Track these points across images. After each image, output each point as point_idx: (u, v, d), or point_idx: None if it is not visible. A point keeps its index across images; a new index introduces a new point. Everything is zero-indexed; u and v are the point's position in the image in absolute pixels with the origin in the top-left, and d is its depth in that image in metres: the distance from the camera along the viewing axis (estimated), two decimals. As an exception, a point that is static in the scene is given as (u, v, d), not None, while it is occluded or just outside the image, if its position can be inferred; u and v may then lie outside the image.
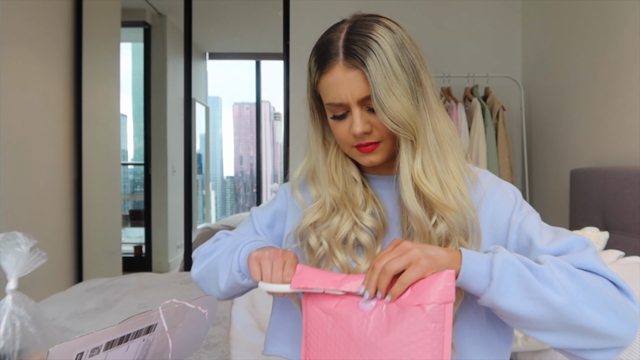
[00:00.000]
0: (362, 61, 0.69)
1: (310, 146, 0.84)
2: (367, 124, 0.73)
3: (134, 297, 1.74)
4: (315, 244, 0.79)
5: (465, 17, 2.93)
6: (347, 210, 0.78)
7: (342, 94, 0.72)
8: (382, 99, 0.68)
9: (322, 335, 0.67)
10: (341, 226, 0.78)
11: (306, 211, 0.82)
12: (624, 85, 1.90)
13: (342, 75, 0.71)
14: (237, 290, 0.83)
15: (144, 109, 3.94)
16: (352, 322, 0.64)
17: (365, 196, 0.80)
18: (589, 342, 0.63)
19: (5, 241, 0.77)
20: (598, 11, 2.08)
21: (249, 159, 4.67)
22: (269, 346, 0.91)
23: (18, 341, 0.75)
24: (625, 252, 1.41)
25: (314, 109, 0.82)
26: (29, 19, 2.48)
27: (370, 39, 0.69)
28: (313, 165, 0.83)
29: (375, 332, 0.62)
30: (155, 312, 0.72)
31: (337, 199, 0.80)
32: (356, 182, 0.81)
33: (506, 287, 0.61)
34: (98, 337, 0.65)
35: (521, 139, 2.78)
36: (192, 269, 0.91)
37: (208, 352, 1.24)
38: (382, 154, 0.76)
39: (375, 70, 0.68)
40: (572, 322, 0.61)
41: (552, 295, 0.61)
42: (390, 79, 0.68)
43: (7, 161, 2.29)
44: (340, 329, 0.65)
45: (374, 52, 0.69)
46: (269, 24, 3.43)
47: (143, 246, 4.01)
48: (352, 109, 0.72)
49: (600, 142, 2.08)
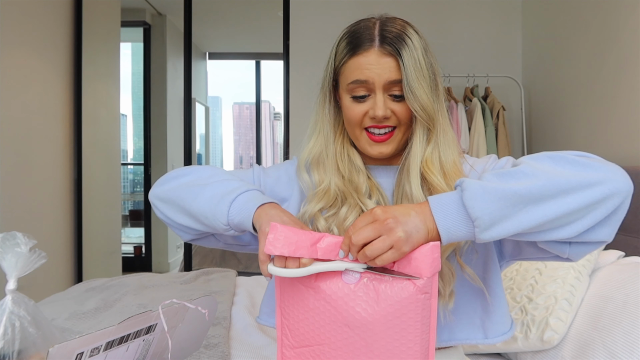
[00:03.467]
0: (397, 50, 0.75)
1: (318, 127, 0.85)
2: (388, 109, 0.78)
3: (134, 297, 1.74)
4: (325, 229, 0.80)
5: (465, 17, 2.93)
6: (352, 199, 0.80)
7: (372, 74, 0.76)
8: (414, 86, 0.74)
9: (302, 307, 0.67)
10: (349, 215, 0.80)
11: (310, 197, 0.83)
12: (624, 85, 1.90)
13: (376, 59, 0.76)
14: (207, 235, 0.83)
15: (143, 109, 3.94)
16: (338, 296, 0.65)
17: (369, 185, 0.83)
18: (596, 206, 0.61)
19: (5, 241, 0.77)
20: (598, 11, 2.08)
21: (249, 159, 4.67)
22: (262, 315, 0.92)
23: (18, 341, 0.75)
24: (625, 252, 1.41)
25: (328, 94, 0.84)
26: (29, 19, 2.48)
27: (404, 34, 0.76)
28: (319, 150, 0.85)
29: (365, 306, 0.63)
30: (155, 312, 0.72)
31: (341, 187, 0.82)
32: (360, 171, 0.84)
33: (491, 219, 0.61)
34: (98, 337, 0.65)
35: (521, 139, 2.77)
36: (154, 186, 0.86)
37: (208, 352, 1.24)
38: (393, 145, 0.80)
39: (408, 61, 0.75)
40: (566, 185, 0.60)
41: (535, 183, 0.61)
42: (419, 73, 0.75)
43: (7, 161, 2.29)
44: (325, 302, 0.65)
45: (408, 46, 0.75)
46: (269, 24, 3.43)
47: (143, 246, 4.01)
48: (377, 92, 0.77)
49: (600, 142, 2.08)
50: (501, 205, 0.61)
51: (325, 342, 0.66)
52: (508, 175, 0.64)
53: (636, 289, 1.06)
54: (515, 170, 0.64)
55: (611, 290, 1.12)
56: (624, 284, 1.12)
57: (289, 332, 0.69)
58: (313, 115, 0.87)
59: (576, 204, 0.61)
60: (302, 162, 0.87)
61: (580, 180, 0.61)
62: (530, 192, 0.60)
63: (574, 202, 0.61)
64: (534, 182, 0.61)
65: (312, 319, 0.67)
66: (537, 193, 0.61)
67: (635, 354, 0.91)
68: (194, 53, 3.24)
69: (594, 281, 1.21)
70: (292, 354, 0.69)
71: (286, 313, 0.69)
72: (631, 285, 1.09)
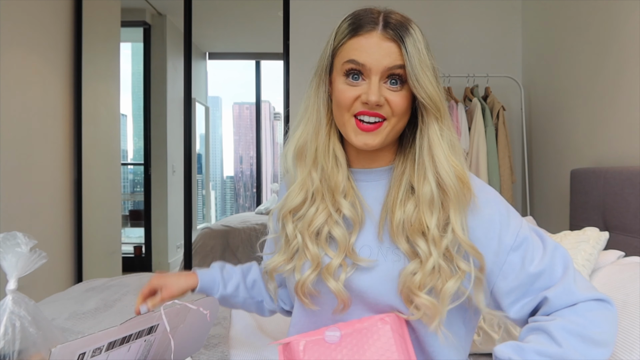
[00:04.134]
0: (400, 37, 0.72)
1: (307, 114, 0.81)
2: (382, 96, 0.73)
3: (134, 297, 1.74)
4: (292, 235, 0.79)
5: (465, 17, 2.93)
6: (323, 202, 0.78)
7: (370, 57, 0.73)
8: (418, 73, 0.71)
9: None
10: (315, 218, 0.77)
11: (291, 191, 0.81)
12: (624, 85, 1.90)
13: (377, 42, 0.73)
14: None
15: (143, 109, 3.94)
16: (324, 357, 0.68)
17: (346, 185, 0.79)
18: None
19: (5, 241, 0.77)
20: (598, 11, 2.08)
21: (249, 159, 4.67)
22: None
23: (18, 341, 0.75)
24: (625, 252, 1.41)
25: (324, 77, 0.79)
26: (29, 19, 2.48)
27: (407, 26, 0.74)
28: (304, 140, 0.81)
29: (347, 355, 0.67)
30: (157, 313, 0.72)
31: (316, 183, 0.79)
32: (341, 169, 0.79)
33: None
34: (100, 338, 0.65)
35: (521, 139, 2.77)
36: None
37: (208, 352, 1.24)
38: (380, 137, 0.75)
39: (412, 48, 0.72)
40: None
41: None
42: (422, 62, 0.72)
43: (7, 161, 2.29)
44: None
45: (411, 35, 0.73)
46: (269, 24, 3.43)
47: (143, 246, 4.01)
48: (372, 77, 0.73)
49: (600, 142, 2.08)
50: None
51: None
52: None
53: (636, 289, 1.06)
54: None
55: (611, 291, 1.12)
56: (624, 284, 1.12)
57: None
58: (304, 100, 0.82)
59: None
60: (289, 154, 0.82)
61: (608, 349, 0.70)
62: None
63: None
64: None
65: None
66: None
67: (635, 354, 0.91)
68: (194, 53, 3.24)
69: (594, 281, 1.21)
70: None
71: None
72: (631, 285, 1.09)
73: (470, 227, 0.74)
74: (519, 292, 0.74)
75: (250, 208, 4.75)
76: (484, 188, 0.79)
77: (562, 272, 0.74)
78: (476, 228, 0.75)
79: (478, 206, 0.75)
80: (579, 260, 1.24)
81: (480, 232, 0.75)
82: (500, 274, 0.74)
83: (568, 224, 2.09)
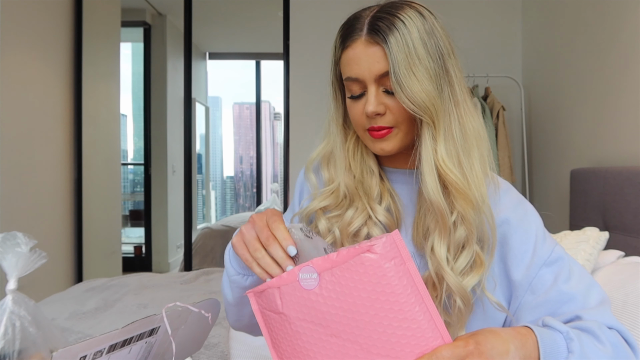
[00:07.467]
0: (384, 38, 0.67)
1: (329, 128, 0.79)
2: (382, 105, 0.69)
3: (134, 297, 1.74)
4: (325, 230, 0.75)
5: (465, 17, 2.93)
6: (361, 203, 0.75)
7: (360, 69, 0.69)
8: (401, 77, 0.66)
9: (285, 336, 0.59)
10: (354, 220, 0.74)
11: (316, 194, 0.78)
12: (624, 85, 1.90)
13: (363, 51, 0.69)
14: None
15: (144, 109, 3.94)
16: (306, 308, 0.56)
17: (381, 189, 0.76)
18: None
19: (5, 241, 0.77)
20: (598, 11, 2.08)
21: (249, 159, 4.67)
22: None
23: (18, 341, 0.75)
24: (625, 252, 1.41)
25: (336, 89, 0.78)
26: (29, 19, 2.48)
27: (397, 18, 0.68)
28: (331, 148, 0.79)
29: (338, 305, 0.54)
30: (158, 316, 0.72)
31: (351, 188, 0.76)
32: (373, 173, 0.77)
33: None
34: (101, 341, 0.65)
35: (521, 139, 2.78)
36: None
37: (207, 352, 1.24)
38: (394, 142, 0.72)
39: (397, 48, 0.66)
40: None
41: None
42: (412, 59, 0.66)
43: (7, 161, 2.29)
44: (299, 321, 0.57)
45: (398, 30, 0.67)
46: (269, 24, 3.43)
47: (143, 246, 4.01)
48: (368, 87, 0.69)
49: (600, 142, 2.08)
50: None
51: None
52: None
53: (636, 289, 1.07)
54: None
55: (611, 291, 1.12)
56: (623, 284, 1.12)
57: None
58: (328, 111, 0.80)
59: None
60: (310, 163, 0.81)
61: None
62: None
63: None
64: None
65: (297, 346, 0.58)
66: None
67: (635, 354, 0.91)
68: (194, 53, 3.25)
69: (594, 281, 1.21)
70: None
71: (280, 350, 0.61)
72: (631, 285, 1.09)
73: (508, 237, 0.73)
74: (544, 309, 0.70)
75: (250, 208, 4.76)
76: (523, 201, 0.77)
77: (597, 304, 0.70)
78: (511, 237, 0.73)
79: (517, 217, 0.74)
80: (578, 260, 1.24)
81: (515, 243, 0.73)
82: (529, 288, 0.71)
83: (568, 224, 2.09)
